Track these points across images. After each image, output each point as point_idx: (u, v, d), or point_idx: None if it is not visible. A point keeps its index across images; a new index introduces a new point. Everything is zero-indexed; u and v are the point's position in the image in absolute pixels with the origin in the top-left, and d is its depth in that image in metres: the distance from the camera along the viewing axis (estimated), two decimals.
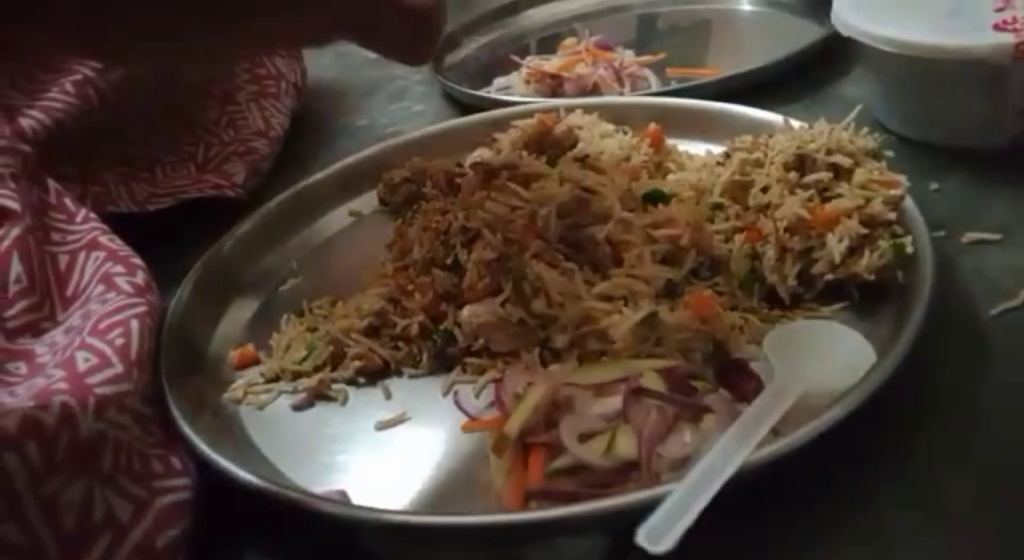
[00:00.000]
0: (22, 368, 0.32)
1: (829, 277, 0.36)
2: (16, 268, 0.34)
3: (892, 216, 0.36)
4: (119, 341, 0.32)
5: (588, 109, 0.51)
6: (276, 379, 0.39)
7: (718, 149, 0.44)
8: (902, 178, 0.38)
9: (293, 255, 0.48)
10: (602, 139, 0.47)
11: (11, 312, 0.34)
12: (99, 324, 0.33)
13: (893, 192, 0.37)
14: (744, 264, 0.37)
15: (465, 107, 0.62)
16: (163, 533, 0.29)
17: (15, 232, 0.35)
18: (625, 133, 0.48)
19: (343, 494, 0.32)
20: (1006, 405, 0.31)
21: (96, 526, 0.28)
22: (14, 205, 0.36)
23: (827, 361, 0.32)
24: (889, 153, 0.40)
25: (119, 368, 0.31)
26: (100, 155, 0.50)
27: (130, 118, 0.51)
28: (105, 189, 0.49)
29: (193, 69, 0.54)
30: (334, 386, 0.38)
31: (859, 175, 0.37)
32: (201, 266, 0.44)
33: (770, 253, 0.37)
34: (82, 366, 0.30)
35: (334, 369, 0.39)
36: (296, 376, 0.39)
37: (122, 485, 0.29)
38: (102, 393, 0.30)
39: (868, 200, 0.37)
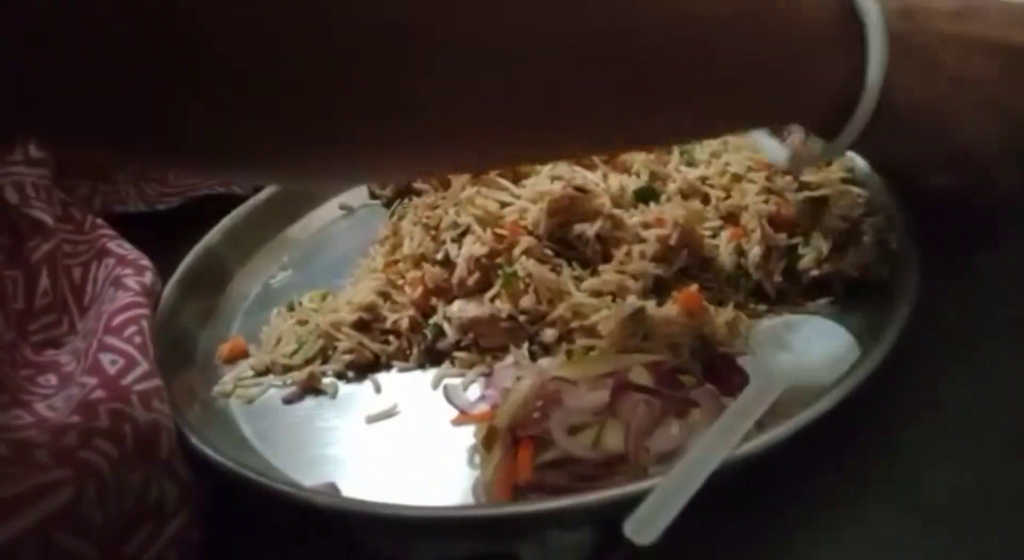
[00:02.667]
0: (52, 380, 0.32)
1: (815, 273, 0.37)
2: (44, 283, 0.35)
3: (862, 210, 0.37)
4: (138, 339, 0.33)
5: None
6: (266, 372, 0.39)
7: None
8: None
9: (284, 248, 0.48)
10: None
11: (35, 326, 0.34)
12: (111, 321, 0.33)
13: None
14: (731, 260, 0.37)
15: None
16: (196, 528, 0.30)
17: (46, 246, 0.36)
18: None
19: (333, 487, 0.32)
20: (988, 402, 0.31)
21: (146, 512, 0.28)
22: (47, 219, 0.36)
23: (812, 356, 0.33)
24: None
25: (145, 365, 0.32)
26: None
27: None
28: (115, 188, 0.49)
29: None
30: (324, 379, 0.38)
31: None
32: (191, 259, 0.44)
33: (756, 250, 0.37)
34: (111, 369, 0.31)
35: (324, 362, 0.39)
36: (286, 369, 0.39)
37: (176, 470, 0.30)
38: (140, 389, 0.30)
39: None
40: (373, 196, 0.51)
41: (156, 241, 0.41)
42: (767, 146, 0.38)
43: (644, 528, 0.25)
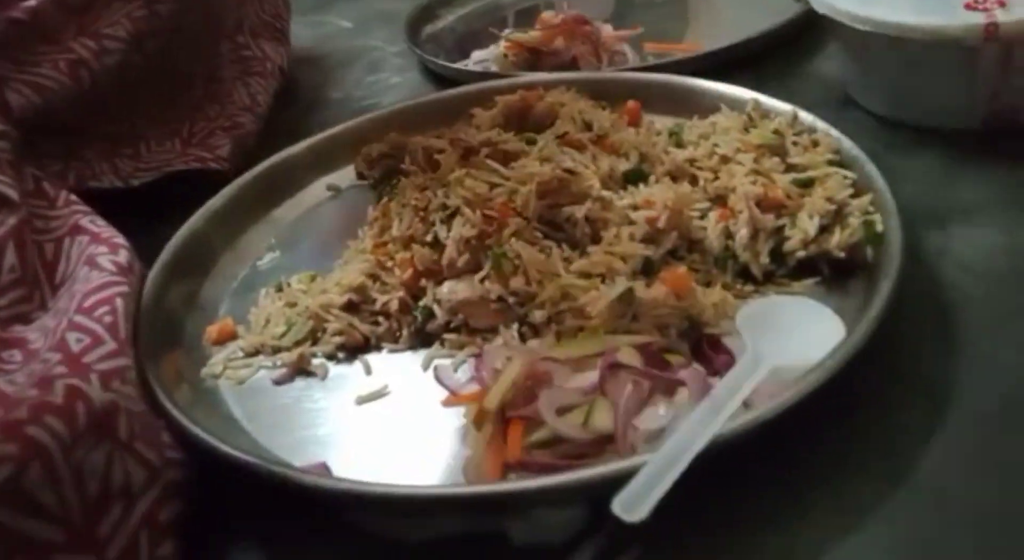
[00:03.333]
0: (16, 356, 0.32)
1: (801, 254, 0.37)
2: (10, 258, 0.34)
3: (849, 191, 0.37)
4: (107, 318, 0.32)
5: (566, 84, 0.51)
6: (255, 354, 0.39)
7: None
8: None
9: (271, 229, 0.48)
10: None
11: (3, 302, 0.34)
12: (84, 302, 0.33)
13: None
14: (718, 242, 0.38)
15: (442, 80, 0.62)
16: (168, 506, 0.29)
17: (12, 221, 0.35)
18: (604, 108, 0.48)
19: (324, 467, 0.32)
20: (970, 380, 0.32)
21: (113, 494, 0.28)
22: (12, 193, 0.36)
23: (797, 336, 0.33)
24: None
25: (112, 345, 0.31)
26: (83, 131, 0.49)
27: (115, 97, 0.50)
28: (87, 164, 0.49)
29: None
30: (314, 361, 0.38)
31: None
32: (177, 240, 0.44)
33: (743, 231, 0.37)
34: (75, 347, 0.30)
35: (314, 344, 0.39)
36: (276, 351, 0.39)
37: (139, 451, 0.29)
38: (101, 369, 0.30)
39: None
40: (361, 177, 0.51)
41: (137, 221, 0.41)
42: None
43: (632, 506, 0.26)
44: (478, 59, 0.64)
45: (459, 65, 0.62)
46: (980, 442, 0.30)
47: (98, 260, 0.36)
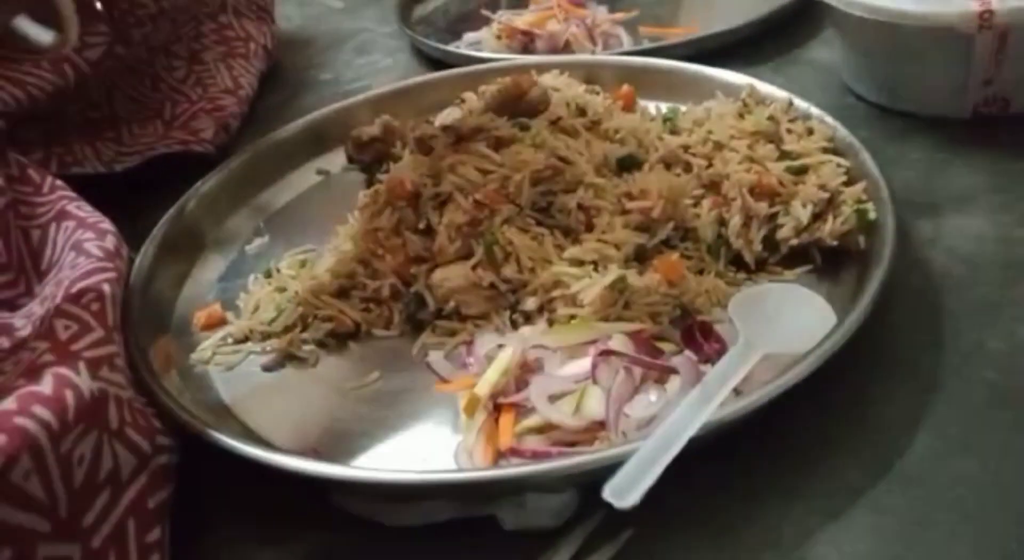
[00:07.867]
0: (4, 343, 0.32)
1: (794, 242, 0.37)
2: None
3: (842, 179, 0.38)
4: (95, 306, 0.32)
5: (560, 68, 0.50)
6: (245, 340, 0.39)
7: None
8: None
9: (259, 214, 0.47)
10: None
11: None
12: (71, 289, 0.33)
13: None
14: (712, 229, 0.38)
15: (434, 62, 0.61)
16: (155, 494, 0.29)
17: None
18: (597, 93, 0.48)
19: (315, 453, 0.32)
20: (959, 367, 0.32)
21: (100, 482, 0.28)
22: None
23: (789, 323, 0.33)
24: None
25: (100, 332, 0.31)
26: (64, 117, 0.49)
27: (96, 83, 0.49)
28: (69, 150, 0.48)
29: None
30: (304, 347, 0.38)
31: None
32: (165, 225, 0.43)
33: (736, 219, 0.37)
34: (63, 334, 0.30)
35: (304, 330, 0.39)
36: (265, 337, 0.38)
37: (129, 437, 0.29)
38: (90, 356, 0.30)
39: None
40: (351, 161, 0.50)
41: (122, 205, 0.40)
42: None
43: (624, 492, 0.26)
44: (470, 41, 0.63)
45: (451, 47, 0.61)
46: (966, 430, 0.30)
47: (85, 246, 0.35)
